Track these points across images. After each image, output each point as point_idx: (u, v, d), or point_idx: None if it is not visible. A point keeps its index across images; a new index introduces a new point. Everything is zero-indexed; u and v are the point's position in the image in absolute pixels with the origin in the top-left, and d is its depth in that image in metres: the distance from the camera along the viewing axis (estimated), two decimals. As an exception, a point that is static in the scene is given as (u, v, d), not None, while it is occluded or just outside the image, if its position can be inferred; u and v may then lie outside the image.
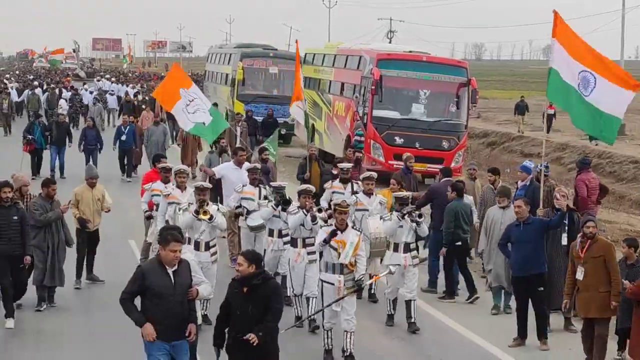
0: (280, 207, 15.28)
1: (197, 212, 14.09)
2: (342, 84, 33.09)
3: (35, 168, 29.70)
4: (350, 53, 33.46)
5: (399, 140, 29.04)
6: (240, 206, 16.86)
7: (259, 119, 36.72)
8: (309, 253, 14.40)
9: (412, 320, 14.60)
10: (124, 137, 29.93)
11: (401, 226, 14.57)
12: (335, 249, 12.89)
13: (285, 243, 15.31)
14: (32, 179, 27.18)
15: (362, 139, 29.14)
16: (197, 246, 14.24)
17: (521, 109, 50.38)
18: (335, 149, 33.02)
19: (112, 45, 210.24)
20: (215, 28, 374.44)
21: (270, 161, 20.83)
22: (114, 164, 30.35)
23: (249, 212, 16.70)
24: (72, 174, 27.93)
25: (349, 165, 18.15)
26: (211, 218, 14.06)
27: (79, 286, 16.62)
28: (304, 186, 15.25)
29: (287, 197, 15.32)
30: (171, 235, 9.85)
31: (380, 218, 14.94)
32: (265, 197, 16.54)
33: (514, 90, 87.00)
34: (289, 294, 15.00)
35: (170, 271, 9.83)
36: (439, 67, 29.73)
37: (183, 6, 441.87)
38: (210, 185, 15.40)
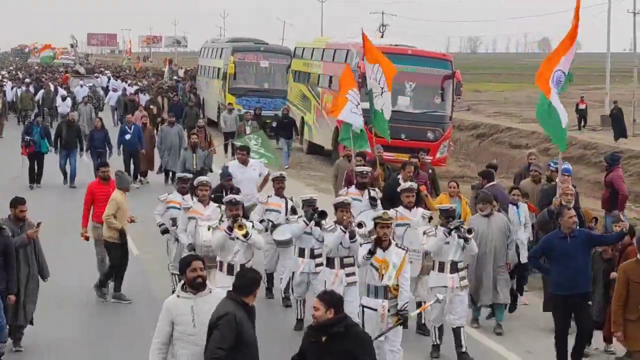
0: (313, 223, 13.70)
1: (230, 228, 12.44)
2: (330, 77, 33.79)
3: (35, 175, 27.00)
4: (338, 47, 34.21)
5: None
6: (264, 220, 15.13)
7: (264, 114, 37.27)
8: (347, 275, 12.99)
9: (463, 349, 12.89)
10: (128, 137, 27.32)
11: (447, 243, 12.86)
12: (377, 269, 11.34)
13: (317, 265, 13.77)
14: (30, 187, 26.29)
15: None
16: (230, 270, 12.47)
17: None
18: (324, 141, 33.96)
19: (108, 40, 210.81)
20: (210, 23, 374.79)
21: (261, 165, 18.82)
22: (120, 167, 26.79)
23: (274, 226, 15.18)
24: (79, 181, 26.44)
25: (368, 169, 16.80)
26: (247, 235, 12.36)
27: (104, 299, 15.67)
28: (341, 198, 13.52)
29: (322, 210, 13.71)
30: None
31: (424, 233, 13.29)
32: (293, 210, 15.06)
33: (506, 83, 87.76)
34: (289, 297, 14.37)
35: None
36: (424, 60, 30.46)
37: (177, 1, 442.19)
38: (242, 199, 13.53)
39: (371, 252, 11.33)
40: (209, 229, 13.21)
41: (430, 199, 16.70)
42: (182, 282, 8.67)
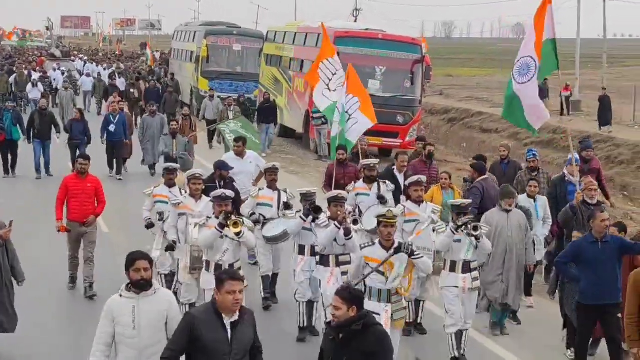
0: (311, 218, 12.78)
1: (221, 226, 11.58)
2: (302, 61, 34.16)
3: (8, 165, 25.77)
4: (310, 31, 34.56)
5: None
6: (254, 213, 14.50)
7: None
8: (343, 273, 12.07)
9: (462, 352, 12.14)
10: (112, 128, 25.80)
11: (458, 240, 11.99)
12: (382, 273, 10.60)
13: (318, 262, 12.77)
14: (4, 177, 25.58)
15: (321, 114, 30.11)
16: (218, 270, 11.33)
17: (542, 91, 47.63)
18: (295, 124, 34.41)
19: (81, 23, 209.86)
20: (184, 6, 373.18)
21: (258, 158, 17.69)
22: (102, 158, 25.56)
23: (265, 221, 14.39)
24: (57, 172, 25.22)
25: (375, 160, 15.86)
26: (240, 234, 11.56)
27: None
28: (335, 192, 12.81)
29: (315, 205, 12.92)
30: (227, 274, 7.77)
31: (433, 230, 12.44)
32: (286, 205, 14.16)
33: (479, 68, 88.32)
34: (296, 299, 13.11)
35: (227, 322, 7.58)
36: (395, 44, 30.91)
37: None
38: (233, 194, 12.60)
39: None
40: (195, 226, 12.12)
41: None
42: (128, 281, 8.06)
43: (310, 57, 33.06)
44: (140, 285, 7.91)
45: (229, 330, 7.48)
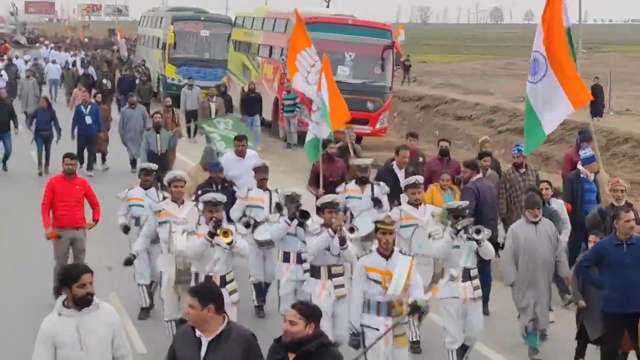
0: (296, 223, 12.03)
1: (211, 235, 10.70)
2: (271, 47, 34.38)
3: None
4: (278, 16, 34.77)
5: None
6: (244, 215, 13.77)
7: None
8: (336, 286, 11.35)
9: None
10: (89, 120, 24.57)
11: (457, 246, 11.29)
12: (379, 282, 10.01)
13: (306, 271, 12.00)
14: None
15: (294, 102, 30.29)
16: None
17: None
18: (265, 112, 34.47)
19: (46, 8, 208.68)
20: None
21: (257, 157, 16.20)
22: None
23: (256, 223, 13.68)
24: (18, 168, 24.81)
25: (368, 161, 15.02)
26: (231, 243, 10.70)
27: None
28: (329, 197, 11.86)
29: (303, 210, 12.06)
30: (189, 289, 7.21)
31: (429, 236, 11.78)
32: (278, 206, 13.23)
33: (454, 54, 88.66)
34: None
35: (205, 340, 7.00)
36: (364, 29, 31.21)
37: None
38: (224, 199, 11.49)
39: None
40: (182, 235, 11.29)
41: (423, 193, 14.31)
42: (64, 297, 7.37)
43: (279, 44, 33.31)
44: (86, 302, 7.29)
45: (203, 348, 6.93)
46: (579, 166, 15.42)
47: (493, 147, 17.06)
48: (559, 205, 14.17)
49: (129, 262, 12.77)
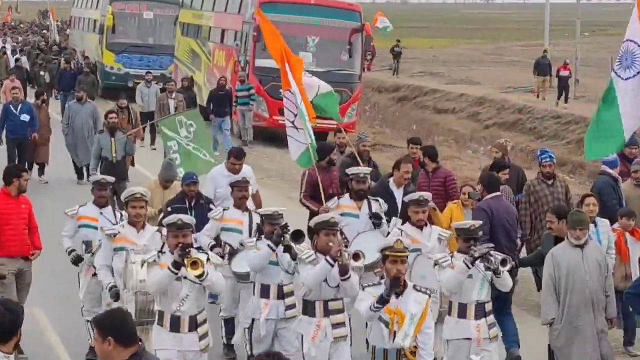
0: (282, 249, 11.10)
1: (177, 265, 9.87)
2: (223, 31, 34.59)
3: None
4: (231, -5, 34.93)
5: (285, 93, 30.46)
6: (219, 242, 12.72)
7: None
8: (335, 326, 10.55)
9: None
10: (26, 117, 23.42)
11: (469, 276, 10.56)
12: (386, 323, 9.29)
13: (288, 307, 11.32)
14: None
15: (248, 92, 30.36)
16: (175, 324, 10.17)
17: (542, 66, 44.80)
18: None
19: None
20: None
21: (251, 173, 15.04)
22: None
23: (233, 253, 12.51)
24: None
25: (366, 170, 13.79)
26: (202, 275, 9.86)
27: None
28: (326, 216, 10.95)
29: (296, 229, 11.09)
30: None
31: (435, 264, 10.82)
32: (259, 229, 12.00)
33: (437, 38, 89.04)
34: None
35: None
36: (329, 10, 31.31)
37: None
38: (193, 221, 10.65)
39: (384, 300, 9.18)
40: (142, 266, 10.49)
41: (438, 213, 13.62)
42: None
43: (232, 26, 33.45)
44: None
45: None
46: (609, 170, 14.68)
47: (505, 150, 15.77)
48: (605, 227, 12.94)
49: (116, 296, 11.73)
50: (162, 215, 13.25)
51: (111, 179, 13.63)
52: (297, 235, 10.87)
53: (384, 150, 31.74)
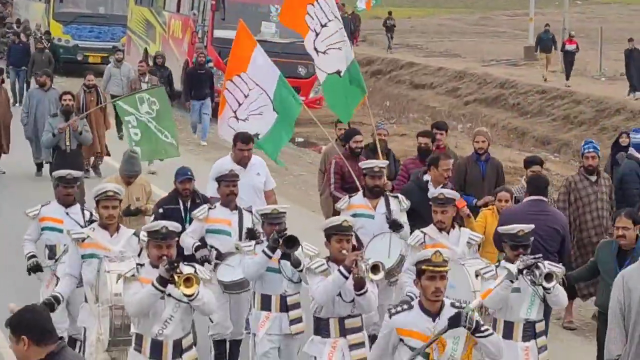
0: (279, 254, 10.55)
1: (163, 282, 9.09)
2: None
3: None
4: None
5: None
6: (204, 245, 11.93)
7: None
8: (352, 347, 9.84)
9: None
10: None
11: (517, 290, 9.91)
12: (426, 355, 8.20)
13: (293, 321, 10.79)
14: None
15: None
16: (156, 350, 9.34)
17: (544, 42, 44.25)
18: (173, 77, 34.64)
19: None
20: None
21: (265, 167, 14.16)
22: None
23: (220, 256, 11.83)
24: None
25: (383, 163, 13.11)
26: (192, 295, 9.07)
27: None
28: (338, 219, 10.11)
29: (289, 235, 10.49)
30: None
31: (477, 275, 10.26)
32: (251, 233, 11.53)
33: (415, 7, 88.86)
34: None
35: None
36: (294, -25, 31.27)
37: None
38: (178, 228, 9.86)
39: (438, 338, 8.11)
40: (118, 281, 9.67)
41: (472, 221, 13.10)
42: None
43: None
44: None
45: None
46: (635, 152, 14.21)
47: (488, 144, 15.15)
48: None
49: (50, 307, 10.47)
50: (154, 215, 12.65)
51: (78, 173, 12.92)
52: (291, 243, 10.34)
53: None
